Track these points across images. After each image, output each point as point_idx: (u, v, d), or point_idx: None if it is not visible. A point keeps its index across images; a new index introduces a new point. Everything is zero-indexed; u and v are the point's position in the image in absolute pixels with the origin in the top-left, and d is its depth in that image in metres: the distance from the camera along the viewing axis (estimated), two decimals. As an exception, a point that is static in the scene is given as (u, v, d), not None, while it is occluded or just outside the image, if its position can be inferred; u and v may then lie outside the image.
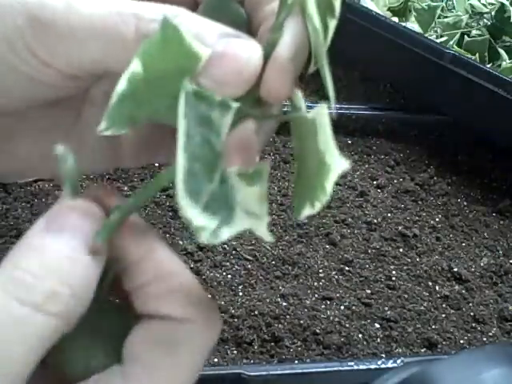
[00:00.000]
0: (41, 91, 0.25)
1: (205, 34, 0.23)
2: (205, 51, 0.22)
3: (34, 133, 0.28)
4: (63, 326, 0.21)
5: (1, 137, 0.27)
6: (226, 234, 0.21)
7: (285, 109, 0.28)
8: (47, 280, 0.20)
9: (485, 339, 0.51)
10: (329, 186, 0.21)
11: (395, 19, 0.79)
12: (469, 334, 0.52)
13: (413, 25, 0.78)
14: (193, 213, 0.20)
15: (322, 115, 0.21)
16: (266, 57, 0.23)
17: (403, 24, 0.76)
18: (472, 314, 0.53)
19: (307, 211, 0.22)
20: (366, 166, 0.68)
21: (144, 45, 0.21)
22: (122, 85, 0.21)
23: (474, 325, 0.53)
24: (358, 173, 0.67)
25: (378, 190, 0.65)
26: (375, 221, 0.61)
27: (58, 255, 0.21)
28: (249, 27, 0.26)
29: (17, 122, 0.27)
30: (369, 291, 0.54)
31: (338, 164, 0.20)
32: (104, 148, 0.29)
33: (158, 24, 0.21)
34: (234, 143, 0.23)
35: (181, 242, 0.56)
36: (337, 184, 0.65)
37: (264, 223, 0.21)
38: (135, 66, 0.21)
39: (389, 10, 0.82)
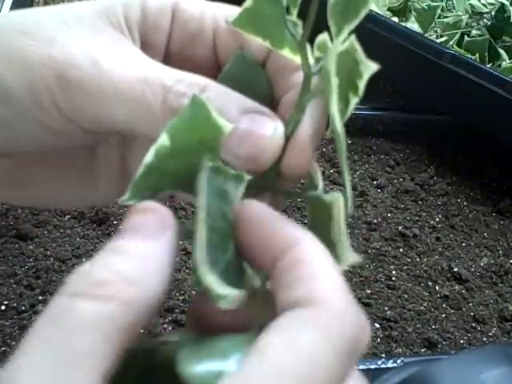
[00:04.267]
0: (58, 140, 0.26)
1: (229, 108, 0.24)
2: (228, 126, 0.23)
3: (49, 170, 0.29)
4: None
5: (18, 174, 0.28)
6: (238, 299, 0.22)
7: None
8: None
9: (485, 339, 0.51)
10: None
11: (395, 19, 0.79)
12: (469, 334, 0.52)
13: (413, 25, 0.78)
14: (212, 281, 0.21)
15: (338, 203, 0.24)
16: (287, 134, 0.24)
17: (403, 24, 0.76)
18: (472, 314, 0.53)
19: None
20: (366, 165, 0.68)
21: (172, 120, 0.22)
22: (149, 157, 0.22)
23: (474, 325, 0.53)
24: (358, 173, 0.67)
25: (378, 190, 0.65)
26: (375, 221, 0.61)
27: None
28: (271, 95, 0.27)
29: (33, 161, 0.28)
30: (369, 291, 0.54)
31: (347, 257, 0.23)
32: (116, 180, 0.30)
33: (186, 99, 0.22)
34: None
35: (180, 242, 0.56)
36: (337, 184, 0.65)
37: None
38: (163, 140, 0.22)
39: (389, 10, 0.82)
